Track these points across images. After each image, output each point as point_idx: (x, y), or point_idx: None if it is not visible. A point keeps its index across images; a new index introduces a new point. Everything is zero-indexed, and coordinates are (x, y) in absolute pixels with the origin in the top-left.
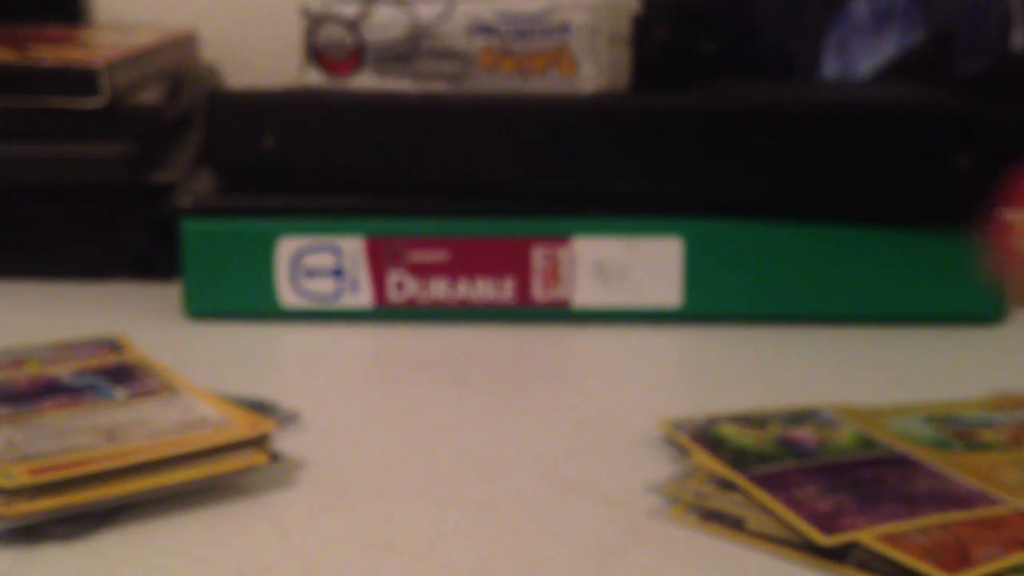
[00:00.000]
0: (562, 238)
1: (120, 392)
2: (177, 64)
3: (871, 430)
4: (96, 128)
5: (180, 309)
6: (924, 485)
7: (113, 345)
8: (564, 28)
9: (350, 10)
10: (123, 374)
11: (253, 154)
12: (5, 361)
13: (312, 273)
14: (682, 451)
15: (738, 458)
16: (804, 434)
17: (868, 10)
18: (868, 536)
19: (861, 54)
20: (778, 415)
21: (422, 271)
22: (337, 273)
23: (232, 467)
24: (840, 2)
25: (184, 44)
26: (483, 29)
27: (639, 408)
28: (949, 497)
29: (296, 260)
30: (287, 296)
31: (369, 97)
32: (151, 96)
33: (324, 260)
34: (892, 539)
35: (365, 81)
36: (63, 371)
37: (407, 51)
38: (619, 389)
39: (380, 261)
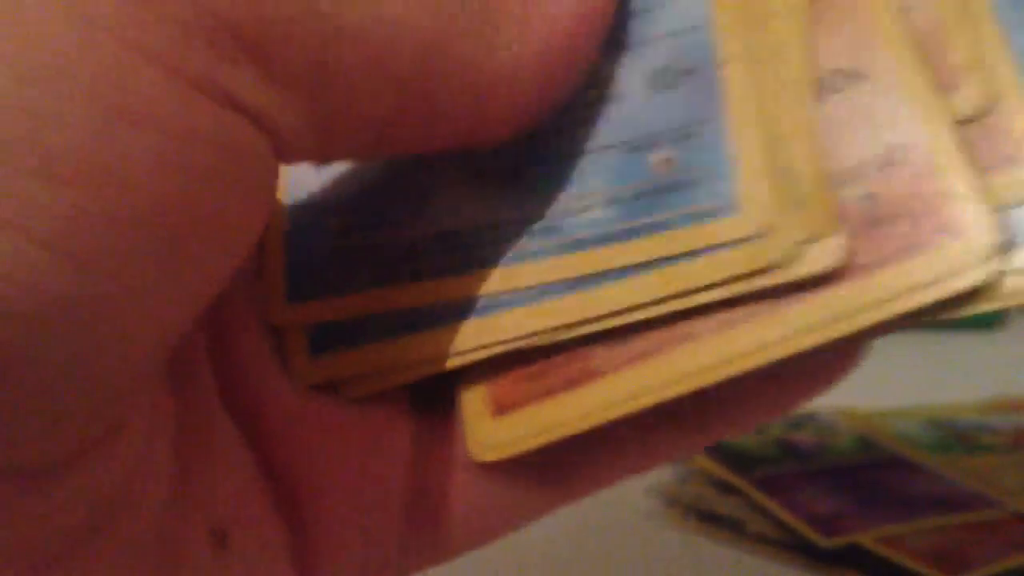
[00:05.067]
0: None
1: None
2: None
3: (871, 433)
4: None
5: None
6: (923, 488)
7: None
8: None
9: None
10: None
11: None
12: None
13: None
14: None
15: (738, 461)
16: (804, 437)
17: None
18: (868, 539)
19: None
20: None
21: None
22: None
23: None
24: None
25: None
26: None
27: None
28: (948, 500)
29: None
30: None
31: None
32: None
33: None
34: (891, 542)
35: None
36: None
37: None
38: None
39: None
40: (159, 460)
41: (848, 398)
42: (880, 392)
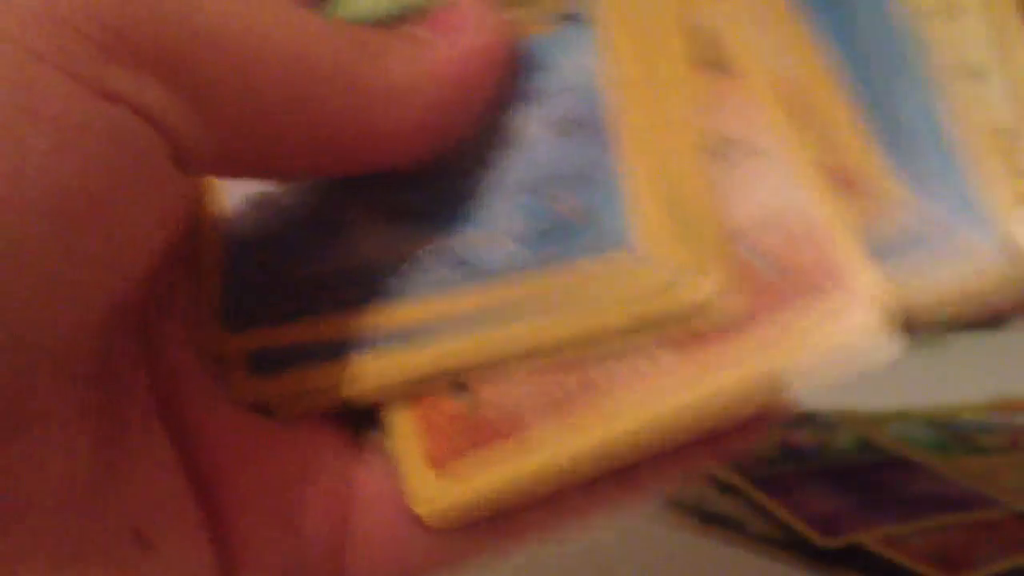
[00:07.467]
0: None
1: None
2: None
3: (871, 433)
4: None
5: None
6: (923, 488)
7: None
8: None
9: None
10: None
11: None
12: None
13: None
14: None
15: (738, 461)
16: (804, 437)
17: None
18: (868, 539)
19: None
20: None
21: None
22: None
23: None
24: None
25: None
26: None
27: None
28: (948, 500)
29: None
30: None
31: None
32: None
33: None
34: (892, 542)
35: None
36: None
37: None
38: None
39: None
40: (78, 456)
41: (848, 398)
42: (880, 392)
